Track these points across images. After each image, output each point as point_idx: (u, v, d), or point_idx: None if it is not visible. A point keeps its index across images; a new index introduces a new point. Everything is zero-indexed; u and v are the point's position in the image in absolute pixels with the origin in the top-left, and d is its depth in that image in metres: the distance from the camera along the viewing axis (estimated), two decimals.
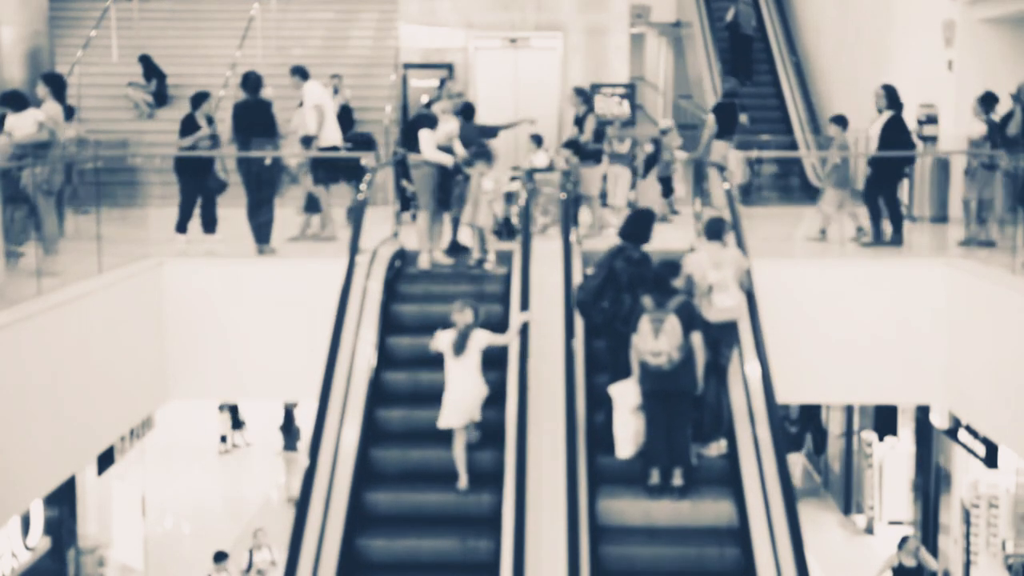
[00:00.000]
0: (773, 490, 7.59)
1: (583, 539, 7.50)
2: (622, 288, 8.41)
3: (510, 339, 8.50)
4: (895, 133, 11.18)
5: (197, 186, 11.40)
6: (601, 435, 8.53)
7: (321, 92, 11.83)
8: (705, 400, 8.40)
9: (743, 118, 15.12)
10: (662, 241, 9.64)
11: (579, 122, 12.66)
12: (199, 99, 11.80)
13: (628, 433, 8.36)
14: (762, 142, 15.67)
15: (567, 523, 7.14)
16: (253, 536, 13.36)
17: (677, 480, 8.15)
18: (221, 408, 18.98)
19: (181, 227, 11.40)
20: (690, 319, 8.06)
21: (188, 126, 11.62)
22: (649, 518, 8.14)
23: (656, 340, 7.93)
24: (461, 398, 8.18)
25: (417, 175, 10.81)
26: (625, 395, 8.34)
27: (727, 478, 8.37)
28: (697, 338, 8.09)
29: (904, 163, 11.62)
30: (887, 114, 11.25)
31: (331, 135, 11.74)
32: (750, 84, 18.94)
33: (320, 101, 11.64)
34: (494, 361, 8.59)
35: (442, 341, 8.24)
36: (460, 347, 8.12)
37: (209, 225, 11.51)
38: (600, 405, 8.66)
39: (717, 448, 8.51)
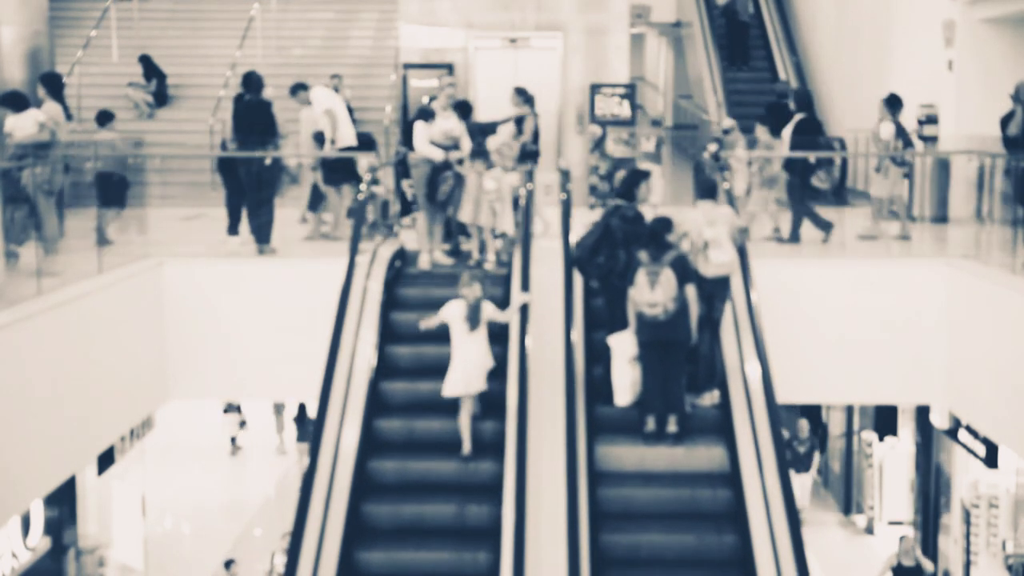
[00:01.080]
0: (764, 437, 7.94)
1: (582, 483, 7.83)
2: (617, 244, 8.81)
3: (511, 316, 8.82)
4: (805, 134, 11.60)
5: (242, 185, 11.34)
6: (600, 387, 8.90)
7: (328, 96, 11.81)
8: (699, 352, 8.77)
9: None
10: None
11: (519, 122, 12.67)
12: None
13: (625, 382, 8.74)
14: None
15: (566, 468, 7.46)
16: (282, 538, 13.28)
17: (672, 427, 8.55)
18: (227, 410, 18.89)
19: (232, 229, 11.36)
20: (684, 272, 8.46)
21: None
22: (645, 463, 8.54)
23: (652, 292, 8.33)
24: (470, 369, 8.41)
25: (416, 174, 10.81)
26: (622, 345, 8.71)
27: (720, 427, 8.76)
28: (691, 290, 8.45)
29: (816, 165, 11.84)
30: (798, 116, 11.64)
31: (347, 136, 11.71)
32: (747, 69, 18.96)
33: (329, 105, 11.61)
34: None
35: (452, 313, 8.45)
36: (475, 321, 8.37)
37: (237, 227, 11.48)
38: (598, 360, 9.02)
39: (711, 398, 8.89)
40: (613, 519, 8.13)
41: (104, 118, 12.12)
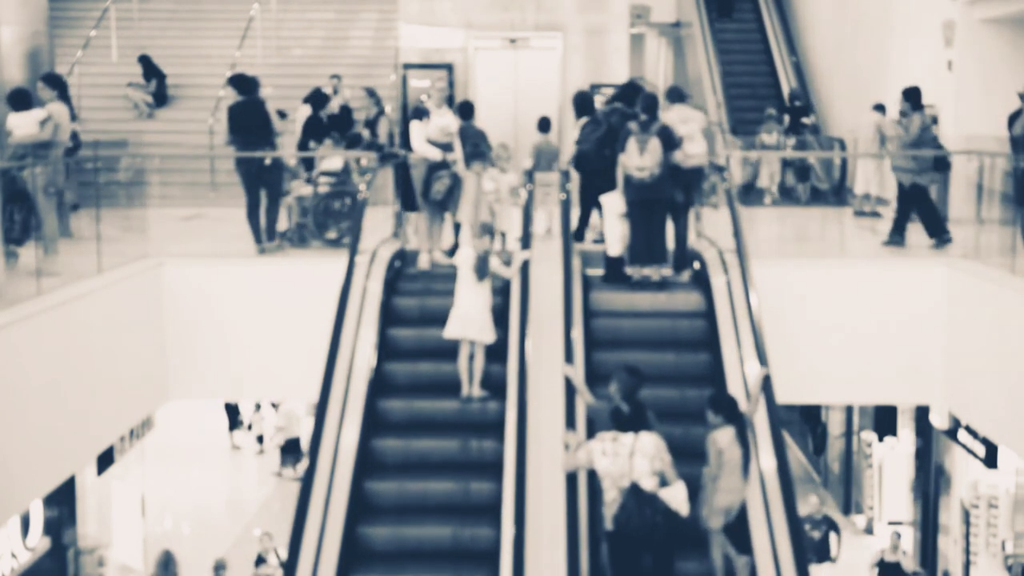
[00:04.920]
0: (737, 287, 9.11)
1: (576, 317, 9.01)
2: (618, 139, 9.96)
3: (513, 272, 9.37)
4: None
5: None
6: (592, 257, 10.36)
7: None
8: (677, 234, 10.18)
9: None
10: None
11: (370, 124, 12.63)
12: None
13: (616, 235, 10.07)
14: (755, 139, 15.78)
15: (563, 307, 8.73)
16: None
17: (656, 275, 9.88)
18: (257, 407, 18.79)
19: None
20: (668, 140, 9.74)
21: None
22: (632, 305, 9.91)
23: (641, 157, 9.59)
24: (470, 312, 8.84)
25: (415, 174, 10.81)
26: (613, 204, 10.00)
27: (698, 281, 10.16)
28: (680, 154, 9.76)
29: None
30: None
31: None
32: (732, 21, 19.02)
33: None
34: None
35: (463, 259, 8.99)
36: (482, 272, 8.93)
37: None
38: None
39: (687, 275, 10.30)
40: (604, 345, 9.41)
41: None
